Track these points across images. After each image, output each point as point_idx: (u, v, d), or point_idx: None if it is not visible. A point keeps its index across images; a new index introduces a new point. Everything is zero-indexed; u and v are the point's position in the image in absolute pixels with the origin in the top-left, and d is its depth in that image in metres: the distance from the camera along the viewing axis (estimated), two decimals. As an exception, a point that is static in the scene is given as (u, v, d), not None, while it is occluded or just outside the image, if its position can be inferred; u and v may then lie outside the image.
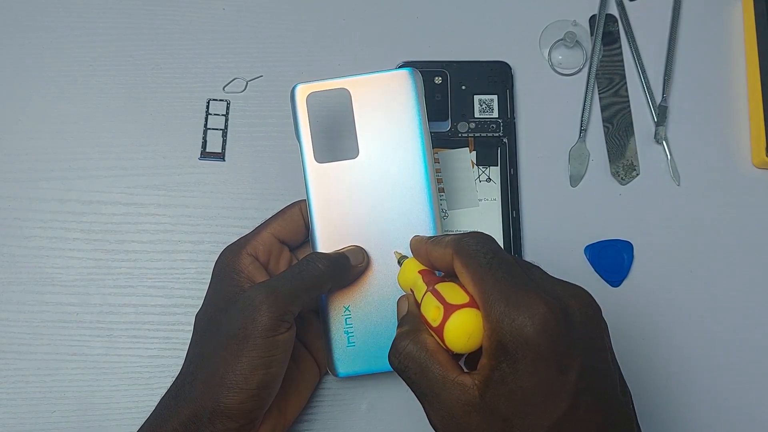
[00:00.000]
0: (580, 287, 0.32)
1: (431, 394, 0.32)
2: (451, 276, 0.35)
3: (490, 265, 0.32)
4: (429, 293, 0.34)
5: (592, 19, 0.54)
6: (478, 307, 0.32)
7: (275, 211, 0.43)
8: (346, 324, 0.41)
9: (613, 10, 0.54)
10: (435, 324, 0.33)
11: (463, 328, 0.31)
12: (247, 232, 0.43)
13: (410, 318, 0.36)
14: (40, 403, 0.46)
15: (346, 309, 0.41)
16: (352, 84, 0.41)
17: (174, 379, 0.40)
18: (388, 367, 0.38)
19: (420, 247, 0.37)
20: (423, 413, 0.47)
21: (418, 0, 0.53)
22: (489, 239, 0.34)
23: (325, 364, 0.43)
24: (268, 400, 0.38)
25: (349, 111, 0.41)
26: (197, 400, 0.36)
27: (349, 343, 0.41)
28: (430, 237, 0.37)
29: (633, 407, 0.33)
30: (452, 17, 0.53)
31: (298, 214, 0.43)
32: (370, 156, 0.41)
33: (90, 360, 0.47)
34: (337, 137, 0.47)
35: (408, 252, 0.40)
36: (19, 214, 0.49)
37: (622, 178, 0.51)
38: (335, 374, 0.42)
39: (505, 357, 0.29)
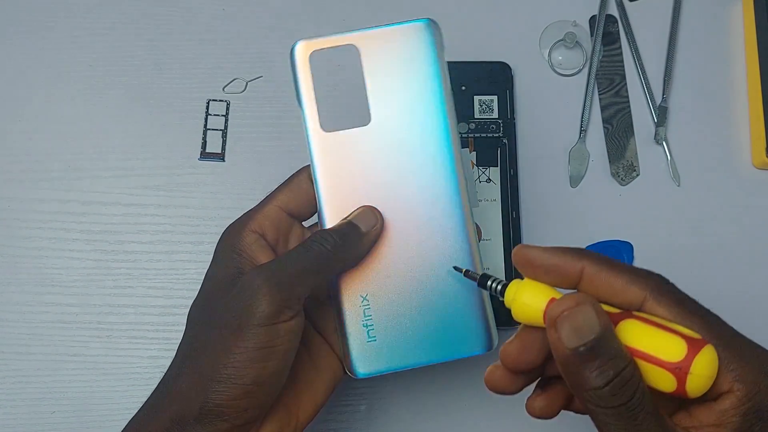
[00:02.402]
0: None
1: None
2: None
3: (707, 315, 0.29)
4: (638, 321, 0.28)
5: (592, 19, 0.54)
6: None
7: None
8: (365, 316, 0.36)
9: (613, 10, 0.54)
10: (666, 388, 0.27)
11: (712, 369, 0.27)
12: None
13: (614, 337, 0.27)
14: (39, 403, 0.46)
15: (364, 299, 0.36)
16: (362, 39, 0.36)
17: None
18: (415, 363, 0.35)
19: (561, 261, 0.30)
20: (422, 415, 0.47)
21: (418, 0, 0.53)
22: (676, 286, 0.30)
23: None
24: (267, 399, 0.33)
25: (359, 71, 0.36)
26: (183, 398, 0.32)
27: (369, 337, 0.36)
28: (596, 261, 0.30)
29: None
30: (452, 17, 0.53)
31: (307, 182, 0.37)
32: (384, 122, 0.36)
33: (90, 361, 0.47)
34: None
35: (453, 260, 0.36)
36: (19, 214, 0.49)
37: (622, 179, 0.50)
38: (354, 375, 0.36)
39: (760, 420, 0.27)
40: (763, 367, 0.28)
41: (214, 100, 0.51)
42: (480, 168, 0.50)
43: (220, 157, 0.50)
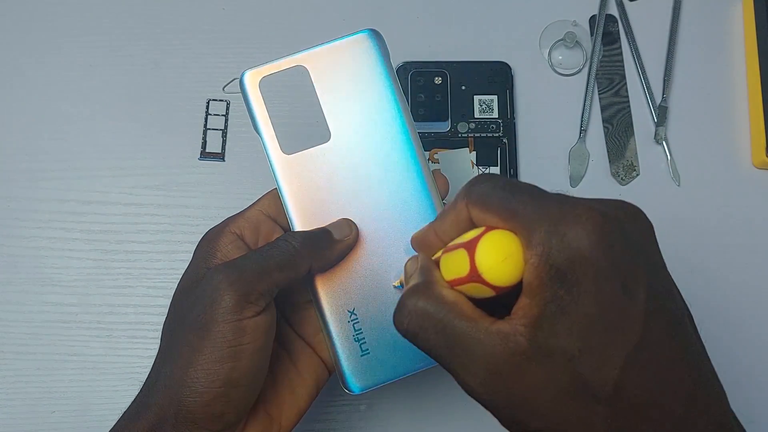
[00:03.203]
0: (625, 201, 0.27)
1: (462, 354, 0.26)
2: None
3: (514, 193, 0.27)
4: (445, 254, 0.29)
5: (592, 19, 0.54)
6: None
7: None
8: (355, 330, 0.36)
9: (613, 10, 0.54)
10: (463, 272, 0.27)
11: (499, 247, 0.26)
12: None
13: (421, 272, 0.30)
14: (39, 403, 0.46)
15: (352, 313, 0.36)
16: (308, 59, 0.36)
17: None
18: (410, 370, 0.36)
19: (427, 233, 0.31)
20: (422, 415, 0.47)
21: (418, 0, 0.53)
22: (497, 175, 0.29)
23: (333, 363, 0.37)
24: (243, 403, 0.32)
25: (311, 90, 0.37)
26: (159, 405, 0.31)
27: (362, 351, 0.36)
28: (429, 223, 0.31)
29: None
30: (452, 17, 0.53)
31: None
32: (344, 135, 0.36)
33: (89, 360, 0.47)
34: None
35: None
36: (19, 214, 0.49)
37: (622, 179, 0.50)
38: (350, 391, 0.36)
39: (562, 282, 0.24)
40: (552, 224, 0.25)
41: (214, 100, 0.51)
42: (480, 168, 0.50)
43: (220, 157, 0.50)
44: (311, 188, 0.36)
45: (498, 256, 0.26)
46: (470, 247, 0.27)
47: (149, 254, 0.49)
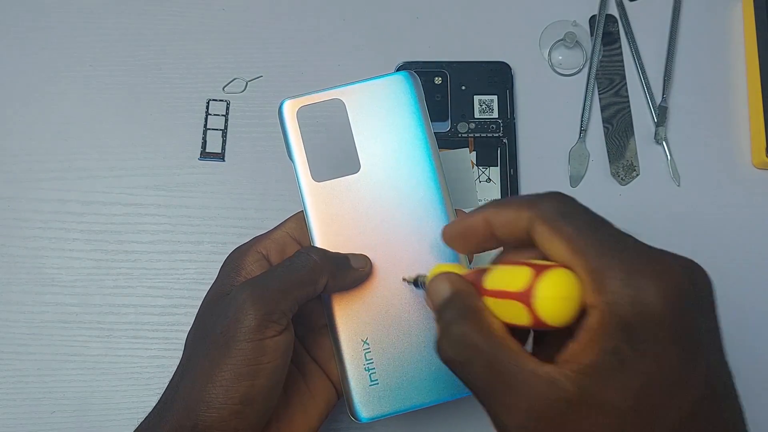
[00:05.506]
0: (692, 260, 0.27)
1: (504, 392, 0.25)
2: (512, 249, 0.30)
3: (591, 227, 0.26)
4: (497, 267, 0.29)
5: (592, 19, 0.54)
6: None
7: (275, 212, 0.43)
8: (366, 360, 0.37)
9: (613, 10, 0.54)
10: (516, 287, 0.26)
11: (564, 285, 0.25)
12: (247, 232, 0.42)
13: (461, 298, 0.29)
14: (39, 403, 0.46)
15: (365, 342, 0.37)
16: (346, 94, 0.38)
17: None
18: (418, 404, 0.36)
19: (475, 220, 0.29)
20: (423, 417, 0.47)
21: (418, 0, 0.53)
22: (573, 199, 0.27)
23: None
24: (258, 419, 0.33)
25: (346, 123, 0.38)
26: (177, 419, 0.32)
27: (371, 381, 0.37)
28: (479, 208, 0.30)
29: None
30: (452, 17, 0.53)
31: None
32: (373, 169, 0.38)
33: (90, 360, 0.47)
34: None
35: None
36: (19, 214, 0.49)
37: (622, 179, 0.51)
38: (357, 419, 0.37)
39: (628, 336, 0.24)
40: (629, 274, 0.24)
41: (214, 100, 0.51)
42: (480, 168, 0.50)
43: (220, 157, 0.50)
44: (336, 215, 0.38)
45: (559, 300, 0.25)
46: (526, 297, 0.26)
47: (149, 254, 0.49)
